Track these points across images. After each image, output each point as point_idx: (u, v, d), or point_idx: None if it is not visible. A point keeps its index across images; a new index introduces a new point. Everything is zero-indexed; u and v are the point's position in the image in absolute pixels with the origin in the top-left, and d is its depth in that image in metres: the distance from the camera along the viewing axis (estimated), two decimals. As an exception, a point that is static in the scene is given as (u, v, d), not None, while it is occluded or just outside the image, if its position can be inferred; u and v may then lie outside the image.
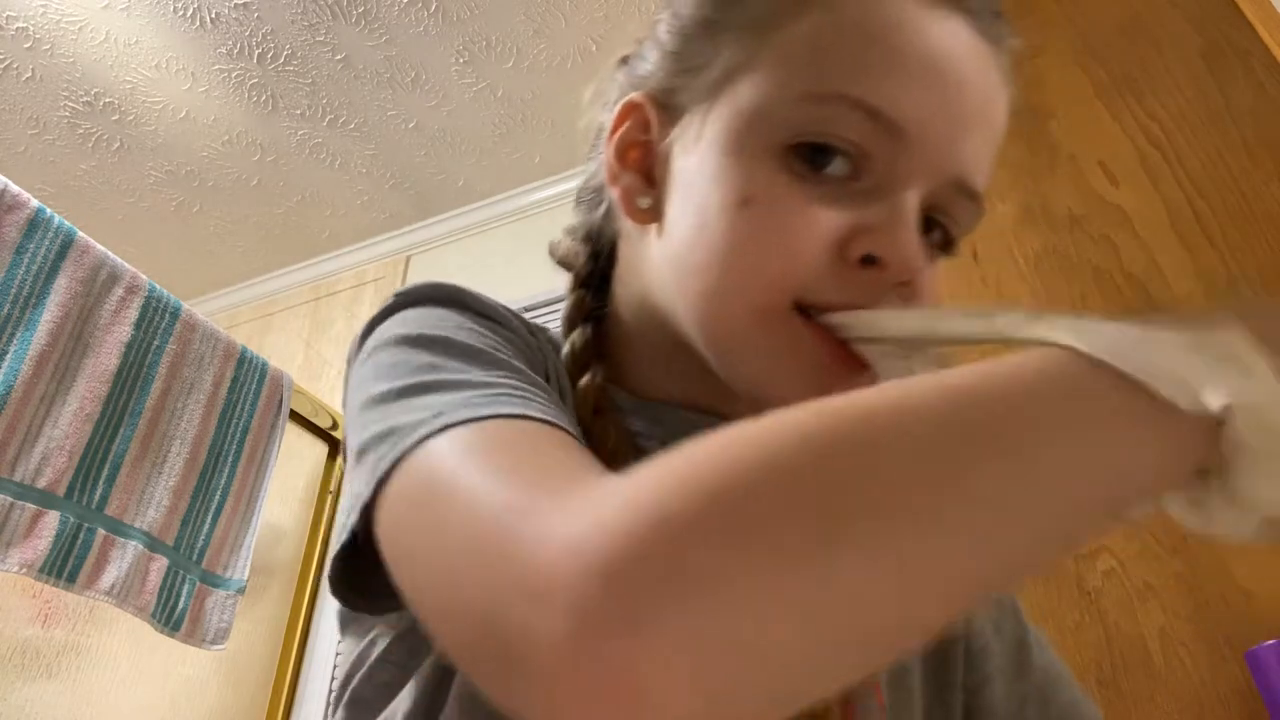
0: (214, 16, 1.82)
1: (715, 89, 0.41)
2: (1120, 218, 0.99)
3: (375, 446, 0.33)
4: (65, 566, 1.25)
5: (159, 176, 2.19)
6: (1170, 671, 0.90)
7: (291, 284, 2.51)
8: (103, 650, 1.54)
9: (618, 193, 0.45)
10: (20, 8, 1.78)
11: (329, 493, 1.95)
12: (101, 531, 1.31)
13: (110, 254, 1.41)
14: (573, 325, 0.48)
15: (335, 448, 2.00)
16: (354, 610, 0.37)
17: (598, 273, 0.51)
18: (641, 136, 0.44)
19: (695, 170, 0.41)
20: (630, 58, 0.49)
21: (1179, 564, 0.95)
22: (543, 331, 0.47)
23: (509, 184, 2.26)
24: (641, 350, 0.47)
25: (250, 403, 1.61)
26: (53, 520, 1.24)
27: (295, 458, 1.89)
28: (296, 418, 1.81)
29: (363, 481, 0.32)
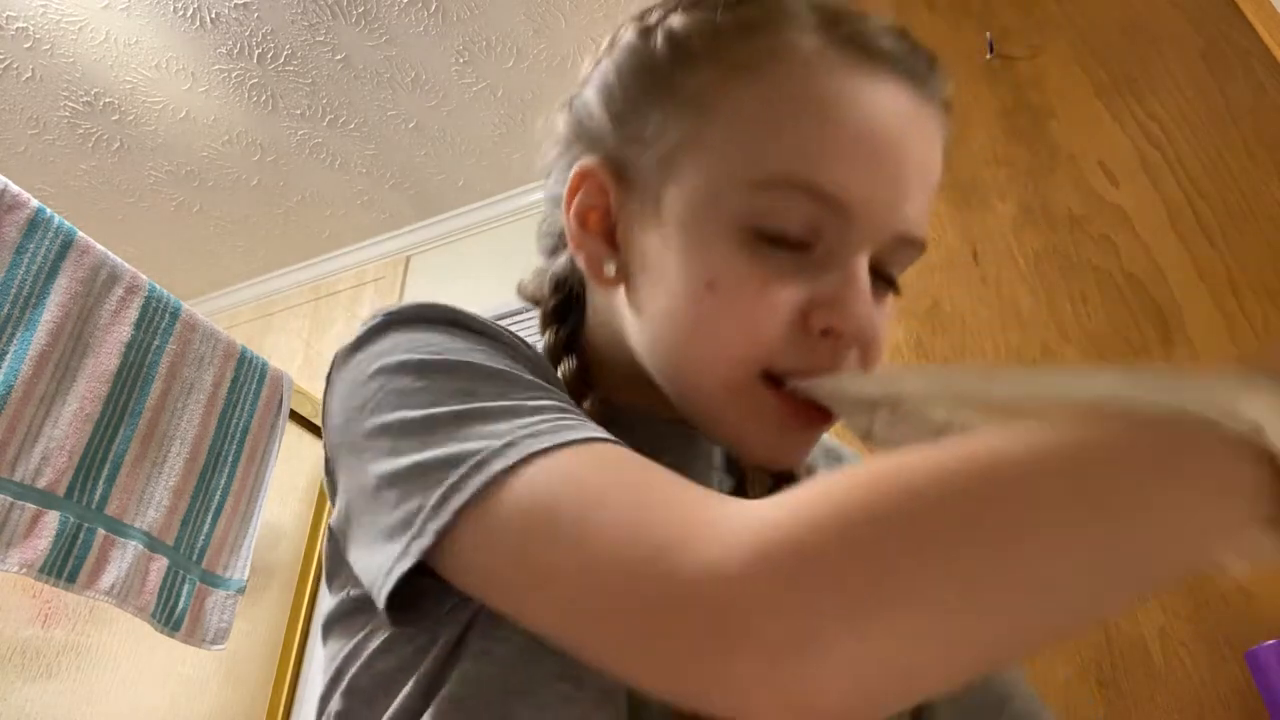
0: (214, 16, 1.82)
1: (665, 164, 0.43)
2: (1120, 218, 0.99)
3: (430, 473, 0.35)
4: (65, 566, 1.25)
5: (159, 176, 2.19)
6: (1170, 671, 0.90)
7: (291, 284, 2.51)
8: (103, 650, 1.54)
9: (583, 259, 0.46)
10: (20, 8, 1.78)
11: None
12: (101, 531, 1.31)
13: (110, 254, 1.41)
14: (556, 359, 0.49)
15: (335, 448, 2.00)
16: (403, 624, 0.37)
17: (567, 304, 0.53)
18: (598, 201, 0.46)
19: (659, 251, 0.43)
20: (576, 102, 0.49)
21: (1179, 564, 0.95)
22: (532, 346, 0.48)
23: (509, 184, 2.27)
24: (615, 370, 0.49)
25: (250, 403, 1.61)
26: (53, 520, 1.24)
27: (295, 458, 1.89)
28: (296, 418, 1.81)
29: (414, 508, 0.34)
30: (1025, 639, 0.27)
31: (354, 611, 0.43)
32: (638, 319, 0.45)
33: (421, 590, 0.36)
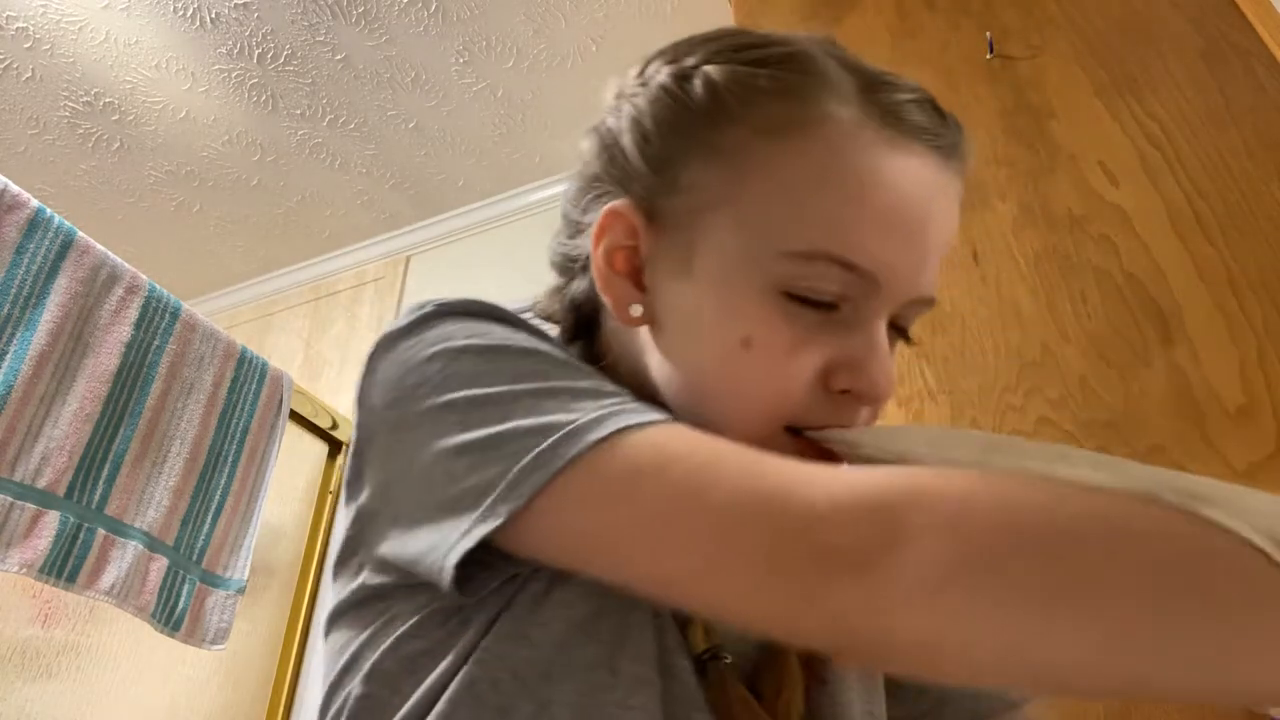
0: (214, 16, 1.82)
1: (699, 215, 0.44)
2: (1120, 218, 0.99)
3: (510, 442, 0.36)
4: (65, 566, 1.25)
5: (159, 176, 2.19)
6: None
7: (291, 284, 2.51)
8: (103, 650, 1.54)
9: (610, 299, 0.47)
10: (20, 8, 1.79)
11: (329, 493, 1.95)
12: (101, 531, 1.31)
13: (110, 254, 1.41)
14: None
15: (335, 448, 2.00)
16: (467, 595, 0.38)
17: (582, 325, 0.53)
18: (627, 242, 0.47)
19: (690, 301, 0.44)
20: (604, 133, 0.49)
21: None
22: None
23: (509, 184, 2.27)
24: (630, 385, 0.49)
25: (250, 403, 1.61)
26: (53, 520, 1.24)
27: (295, 458, 1.89)
28: (296, 418, 1.81)
29: (492, 476, 0.36)
30: (1093, 681, 0.28)
31: (371, 599, 0.43)
32: (664, 361, 0.46)
33: (472, 563, 0.37)
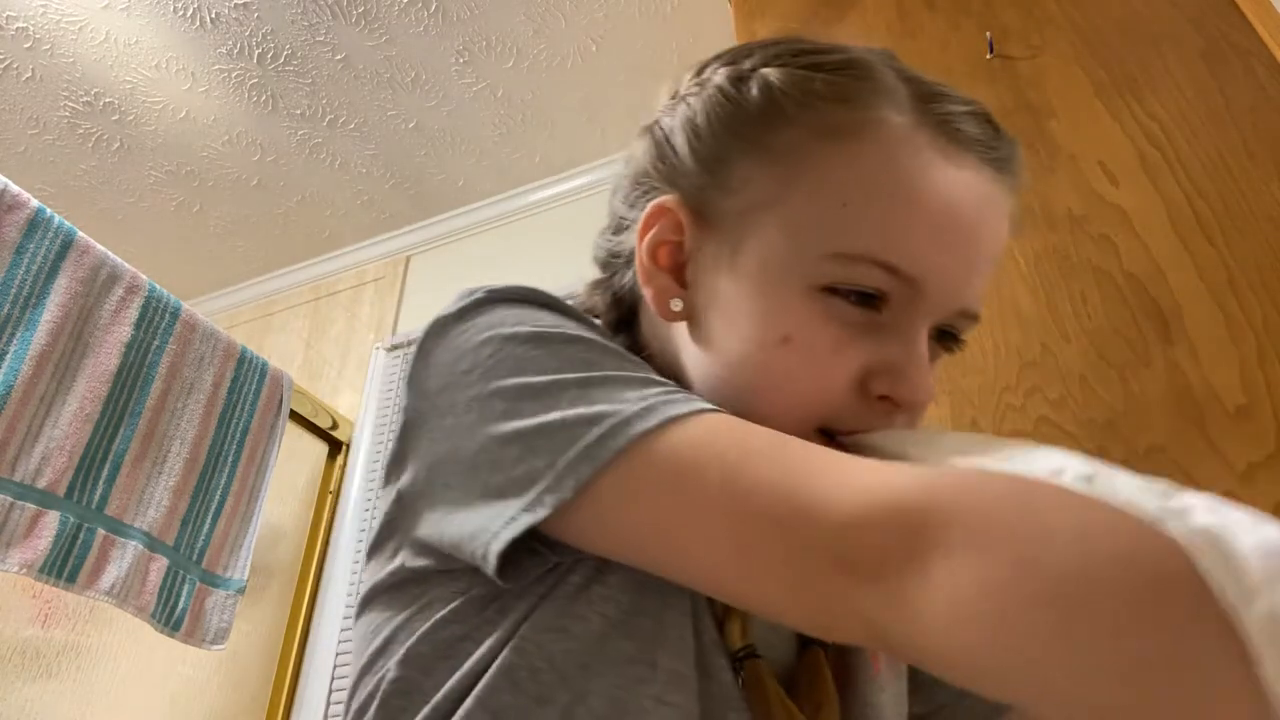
0: (214, 16, 1.82)
1: (747, 215, 0.44)
2: (1120, 218, 0.99)
3: (559, 432, 0.37)
4: (65, 566, 1.25)
5: (159, 176, 2.19)
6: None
7: (291, 284, 2.51)
8: (103, 650, 1.54)
9: (650, 293, 0.48)
10: (20, 8, 1.78)
11: (329, 493, 1.95)
12: (101, 531, 1.31)
13: (110, 254, 1.41)
14: None
15: (335, 448, 2.00)
16: (508, 582, 0.38)
17: (624, 319, 0.54)
18: (672, 237, 0.47)
19: (733, 297, 0.44)
20: (657, 132, 0.50)
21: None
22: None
23: (509, 184, 2.27)
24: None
25: (250, 403, 1.61)
26: (53, 520, 1.24)
27: (295, 458, 1.89)
28: (296, 418, 1.81)
29: (541, 465, 0.36)
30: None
31: (407, 582, 0.43)
32: (703, 356, 0.46)
33: (514, 550, 0.37)
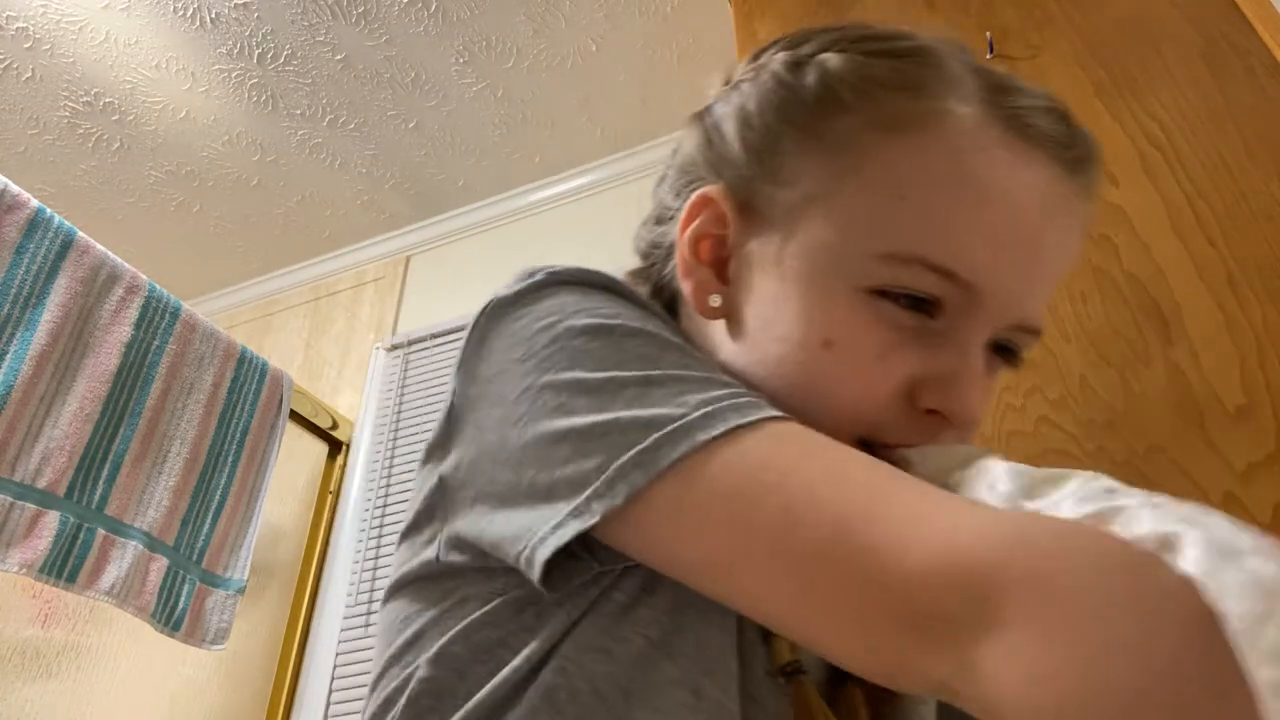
0: (214, 16, 1.82)
1: (796, 208, 0.41)
2: (1120, 218, 0.99)
3: (616, 433, 0.34)
4: (65, 566, 1.25)
5: (159, 176, 2.19)
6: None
7: (291, 284, 2.51)
8: (103, 650, 1.54)
9: (690, 287, 0.45)
10: (20, 8, 1.78)
11: (329, 493, 1.95)
12: (101, 531, 1.31)
13: (110, 254, 1.41)
14: None
15: (335, 447, 2.00)
16: (550, 589, 0.35)
17: (665, 309, 0.51)
18: (715, 230, 0.44)
19: (774, 295, 0.42)
20: (708, 120, 0.47)
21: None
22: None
23: (509, 184, 2.27)
24: None
25: (250, 403, 1.61)
26: (53, 520, 1.24)
27: (295, 458, 1.89)
28: (296, 418, 1.81)
29: (592, 468, 0.34)
30: None
31: (442, 575, 0.41)
32: (740, 357, 0.43)
33: (558, 555, 0.35)
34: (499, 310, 0.42)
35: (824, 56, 0.42)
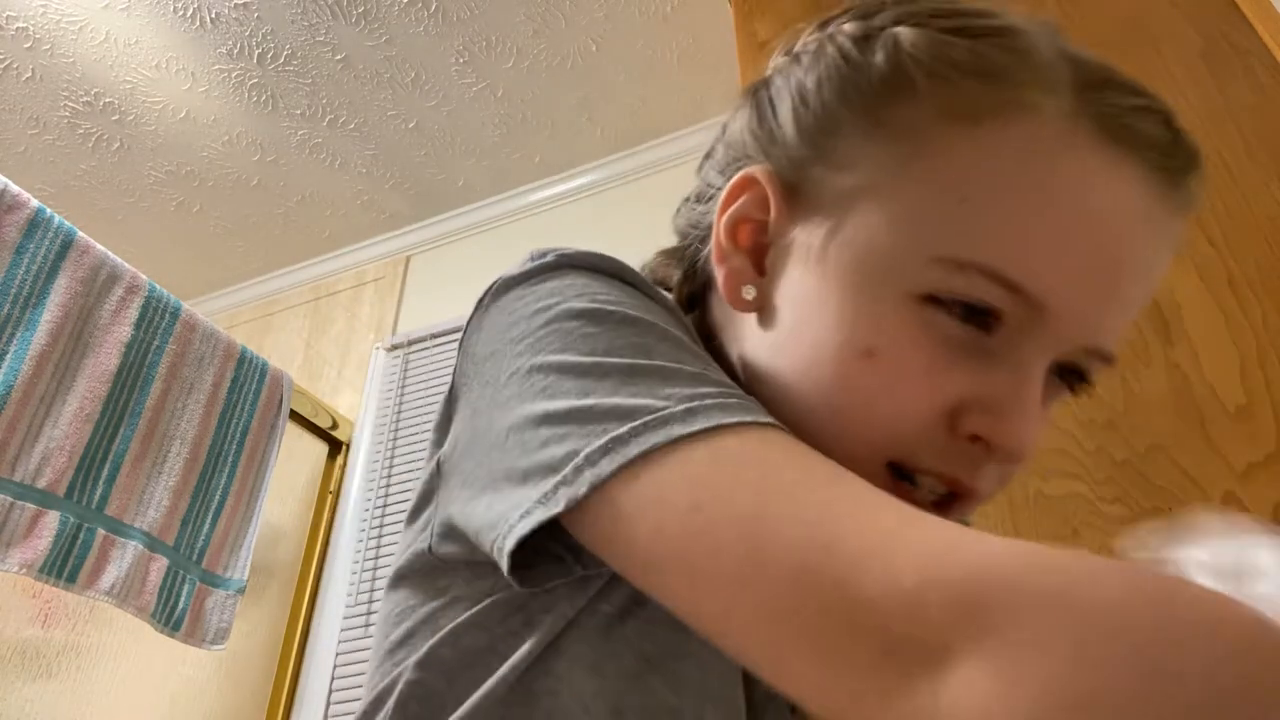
0: (214, 16, 1.82)
1: (848, 197, 0.37)
2: (1120, 218, 0.99)
3: (593, 420, 0.32)
4: (65, 566, 1.25)
5: (159, 176, 2.19)
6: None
7: (291, 284, 2.51)
8: (103, 650, 1.54)
9: (723, 274, 0.41)
10: (20, 8, 1.79)
11: (329, 493, 1.95)
12: (101, 531, 1.31)
13: (110, 254, 1.41)
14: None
15: (335, 447, 2.01)
16: (522, 585, 0.33)
17: (695, 296, 0.49)
18: (757, 215, 0.41)
19: (813, 293, 0.38)
20: (761, 93, 0.43)
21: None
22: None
23: (509, 184, 2.27)
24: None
25: (250, 403, 1.61)
26: (53, 520, 1.24)
27: (295, 458, 1.89)
28: (296, 418, 1.81)
29: (564, 454, 0.31)
30: None
31: (435, 570, 0.40)
32: (768, 358, 0.40)
33: (537, 550, 0.33)
34: (504, 289, 0.40)
35: (896, 31, 0.37)
